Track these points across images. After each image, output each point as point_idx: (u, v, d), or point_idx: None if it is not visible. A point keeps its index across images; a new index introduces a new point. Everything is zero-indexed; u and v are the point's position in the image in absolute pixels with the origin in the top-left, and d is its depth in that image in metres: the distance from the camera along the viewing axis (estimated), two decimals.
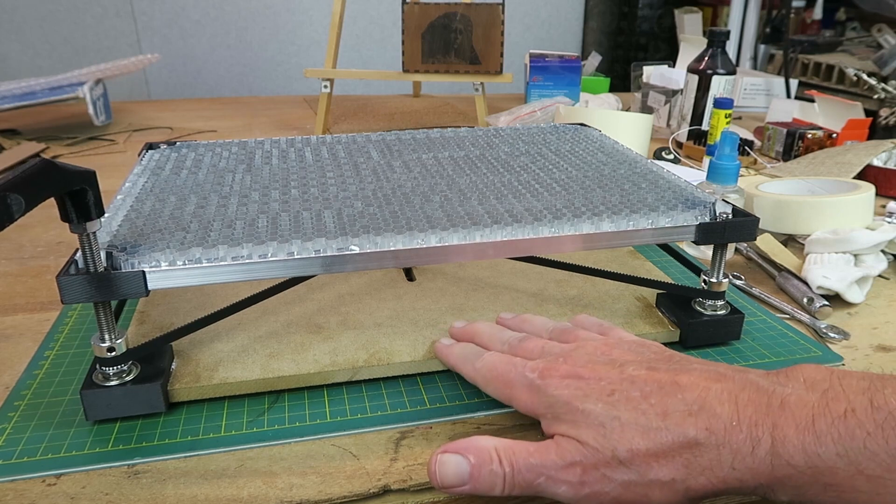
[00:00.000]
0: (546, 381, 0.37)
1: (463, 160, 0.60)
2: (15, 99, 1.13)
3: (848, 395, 0.30)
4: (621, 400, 0.34)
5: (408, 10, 1.14)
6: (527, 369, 0.38)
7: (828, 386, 0.31)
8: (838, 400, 0.30)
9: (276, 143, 0.65)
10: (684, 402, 0.33)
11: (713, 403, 0.32)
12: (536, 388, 0.37)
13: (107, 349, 0.41)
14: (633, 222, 0.48)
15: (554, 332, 0.45)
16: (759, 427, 0.31)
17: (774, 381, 0.33)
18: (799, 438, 0.30)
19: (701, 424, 0.32)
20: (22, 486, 0.38)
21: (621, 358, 0.38)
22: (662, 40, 2.51)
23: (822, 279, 0.59)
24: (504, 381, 0.39)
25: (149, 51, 2.24)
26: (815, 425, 0.30)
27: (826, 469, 0.29)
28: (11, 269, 0.67)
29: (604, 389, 0.35)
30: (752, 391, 0.32)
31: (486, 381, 0.41)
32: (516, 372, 0.39)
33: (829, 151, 0.96)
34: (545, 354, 0.40)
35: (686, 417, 0.32)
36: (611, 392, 0.35)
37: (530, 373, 0.38)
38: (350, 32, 2.40)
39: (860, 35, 1.70)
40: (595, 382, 0.35)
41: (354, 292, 0.57)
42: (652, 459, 0.32)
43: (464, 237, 0.45)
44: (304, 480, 0.38)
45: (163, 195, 0.51)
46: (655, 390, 0.34)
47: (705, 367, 0.35)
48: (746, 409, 0.32)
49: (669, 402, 0.33)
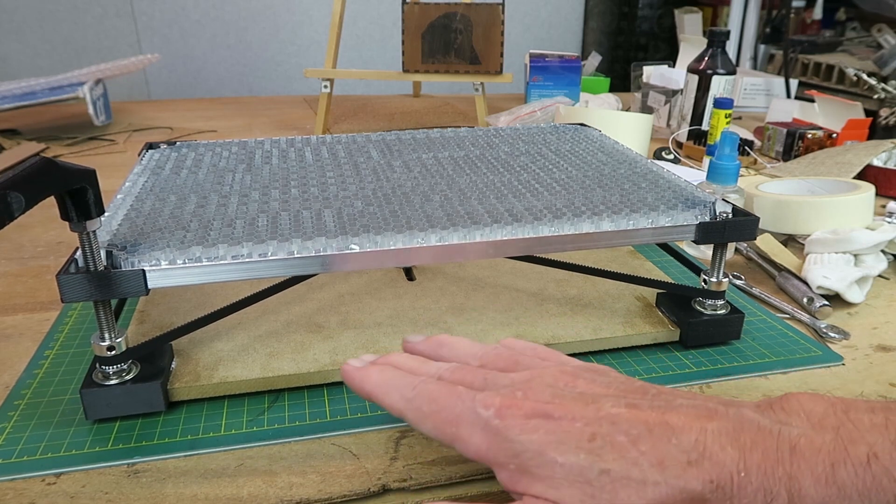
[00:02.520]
0: (506, 423, 0.30)
1: (463, 160, 0.60)
2: (15, 99, 1.13)
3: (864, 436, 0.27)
4: (605, 446, 0.28)
5: (408, 10, 1.14)
6: (478, 404, 0.31)
7: (837, 423, 0.28)
8: (856, 442, 0.27)
9: (276, 143, 0.65)
10: (681, 448, 0.28)
11: (714, 449, 0.28)
12: (494, 429, 0.30)
13: (107, 348, 0.41)
14: (633, 222, 0.48)
15: (486, 357, 0.36)
16: (772, 478, 0.27)
17: (774, 418, 0.29)
18: (819, 492, 0.26)
19: (705, 476, 0.27)
20: (22, 486, 0.38)
21: (590, 390, 0.32)
22: (662, 40, 2.51)
23: (822, 279, 0.59)
24: (446, 418, 0.31)
25: (149, 51, 2.24)
26: (836, 475, 0.26)
27: None
28: (11, 269, 0.67)
29: (582, 433, 0.29)
30: (753, 432, 0.28)
31: (420, 416, 0.32)
32: (463, 406, 0.31)
33: (829, 151, 0.96)
34: (490, 386, 0.32)
35: (686, 468, 0.27)
36: (591, 437, 0.29)
37: (484, 409, 0.30)
38: (350, 32, 2.40)
39: (860, 35, 1.70)
40: (569, 423, 0.29)
41: (354, 292, 0.57)
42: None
43: (464, 236, 0.45)
44: (304, 480, 0.38)
45: (163, 194, 0.51)
46: (645, 434, 0.28)
47: (692, 403, 0.30)
48: (752, 454, 0.27)
49: (664, 449, 0.28)
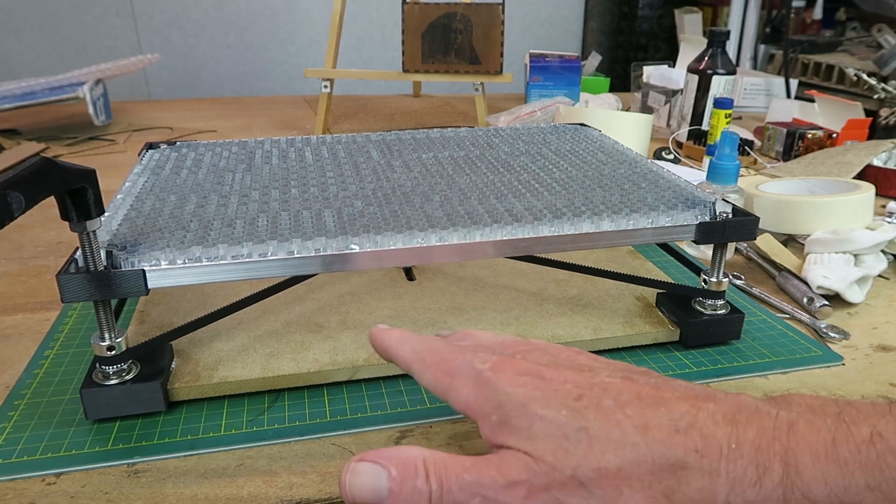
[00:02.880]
0: (498, 376, 0.30)
1: (463, 160, 0.60)
2: (15, 99, 1.13)
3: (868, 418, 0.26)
4: (591, 407, 0.28)
5: (408, 10, 1.14)
6: (476, 359, 0.32)
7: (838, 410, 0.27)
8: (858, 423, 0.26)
9: (276, 143, 0.65)
10: (669, 416, 0.27)
11: (706, 423, 0.27)
12: (485, 381, 0.30)
13: (107, 348, 0.41)
14: (633, 221, 0.48)
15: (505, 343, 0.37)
16: (766, 453, 0.26)
17: (773, 404, 0.29)
18: (818, 467, 0.25)
19: (689, 444, 0.26)
20: (22, 486, 0.38)
21: (590, 364, 0.32)
22: (662, 40, 2.51)
23: (822, 279, 0.59)
24: (445, 368, 0.32)
25: (149, 51, 2.24)
26: (837, 452, 0.25)
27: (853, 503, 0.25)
28: (11, 269, 0.67)
29: (570, 393, 0.29)
30: (749, 412, 0.27)
31: (423, 365, 0.34)
32: (463, 359, 0.32)
33: (829, 151, 0.96)
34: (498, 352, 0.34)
35: (672, 434, 0.27)
36: (578, 396, 0.29)
37: (480, 363, 0.31)
38: (350, 32, 2.40)
39: (860, 35, 1.70)
40: (559, 384, 0.29)
41: (354, 292, 0.57)
42: (623, 482, 0.26)
43: (464, 236, 0.45)
44: (304, 479, 0.38)
45: (163, 194, 0.51)
46: (633, 400, 0.28)
47: (689, 385, 0.30)
48: (747, 430, 0.27)
49: (651, 415, 0.27)
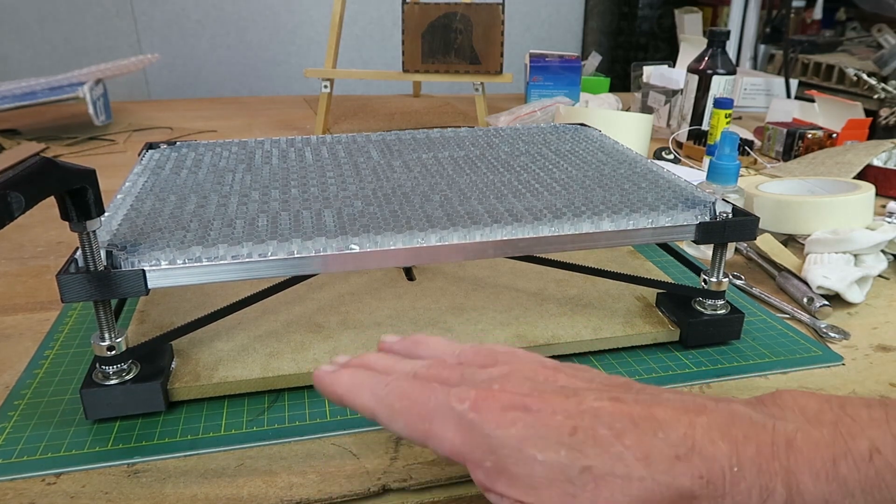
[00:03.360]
0: (483, 417, 0.28)
1: (463, 160, 0.60)
2: (15, 99, 1.13)
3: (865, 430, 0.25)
4: (587, 441, 0.26)
5: (408, 10, 1.14)
6: (452, 397, 0.29)
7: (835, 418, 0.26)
8: (856, 437, 0.25)
9: (276, 143, 0.65)
10: (668, 442, 0.26)
11: (704, 443, 0.26)
12: (469, 423, 0.28)
13: (107, 348, 0.41)
14: (633, 221, 0.48)
15: (464, 354, 0.34)
16: (767, 474, 0.25)
17: (766, 412, 0.28)
18: (819, 488, 0.25)
19: (694, 471, 0.25)
20: (22, 486, 0.38)
21: (571, 384, 0.30)
22: (662, 40, 2.51)
23: (822, 279, 0.59)
24: (419, 414, 0.29)
25: (149, 51, 2.24)
26: (837, 471, 0.25)
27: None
28: (11, 269, 0.67)
29: (562, 426, 0.27)
30: (744, 425, 0.27)
31: (391, 412, 0.30)
32: (437, 401, 0.29)
33: (829, 151, 0.96)
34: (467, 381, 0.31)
35: (674, 463, 0.26)
36: (572, 430, 0.27)
37: (457, 402, 0.29)
38: (350, 32, 2.40)
39: (860, 35, 1.70)
40: (549, 417, 0.27)
41: (354, 292, 0.57)
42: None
43: (464, 236, 0.45)
44: (304, 479, 0.38)
45: (163, 194, 0.51)
46: (629, 427, 0.27)
47: (679, 398, 0.29)
48: (746, 448, 0.26)
49: (650, 443, 0.26)
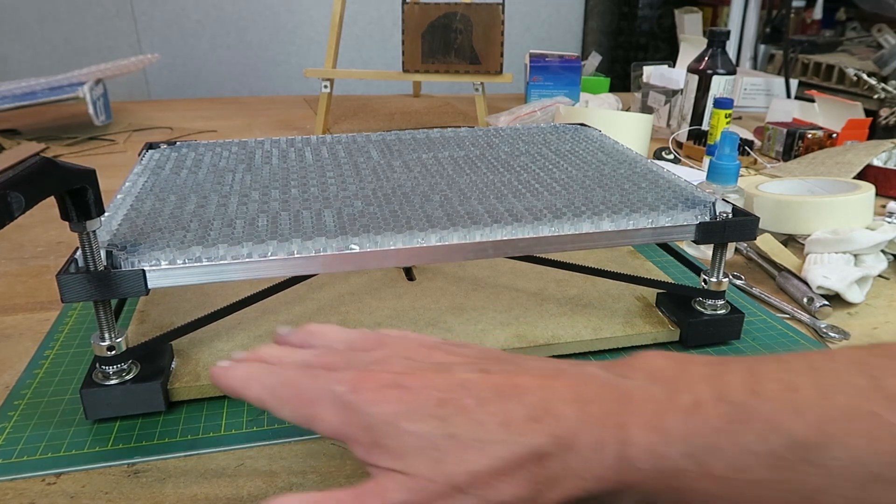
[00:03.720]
0: (360, 396, 0.29)
1: (463, 160, 0.60)
2: (15, 99, 1.13)
3: (692, 387, 0.28)
4: (454, 412, 0.28)
5: (408, 10, 1.14)
6: (333, 381, 0.31)
7: (672, 376, 0.29)
8: (683, 392, 0.28)
9: (276, 143, 0.65)
10: (526, 406, 0.28)
11: (556, 405, 0.28)
12: (347, 404, 0.30)
13: (107, 348, 0.41)
14: (633, 221, 0.48)
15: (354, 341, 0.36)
16: (604, 428, 0.27)
17: (617, 372, 0.30)
18: (645, 438, 0.27)
19: (545, 430, 0.28)
20: (22, 485, 0.38)
21: (446, 360, 0.32)
22: (662, 40, 2.51)
23: (822, 279, 0.59)
24: (303, 399, 0.31)
25: (149, 51, 2.24)
26: (660, 423, 0.27)
27: (673, 471, 0.26)
28: (11, 269, 0.67)
29: (432, 399, 0.29)
30: (595, 386, 0.29)
31: (279, 400, 0.32)
32: (319, 386, 0.31)
33: (829, 151, 0.96)
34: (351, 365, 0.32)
35: (529, 424, 0.28)
36: (440, 402, 0.29)
37: (338, 385, 0.30)
38: (350, 32, 2.40)
39: (860, 35, 1.70)
40: (421, 392, 0.29)
41: (354, 292, 0.57)
42: (494, 479, 0.27)
43: (464, 236, 0.45)
44: (304, 479, 0.38)
45: (163, 194, 0.51)
46: (493, 396, 0.29)
47: (542, 365, 0.32)
48: (591, 407, 0.28)
49: (509, 408, 0.28)
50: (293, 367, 0.33)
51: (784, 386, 0.26)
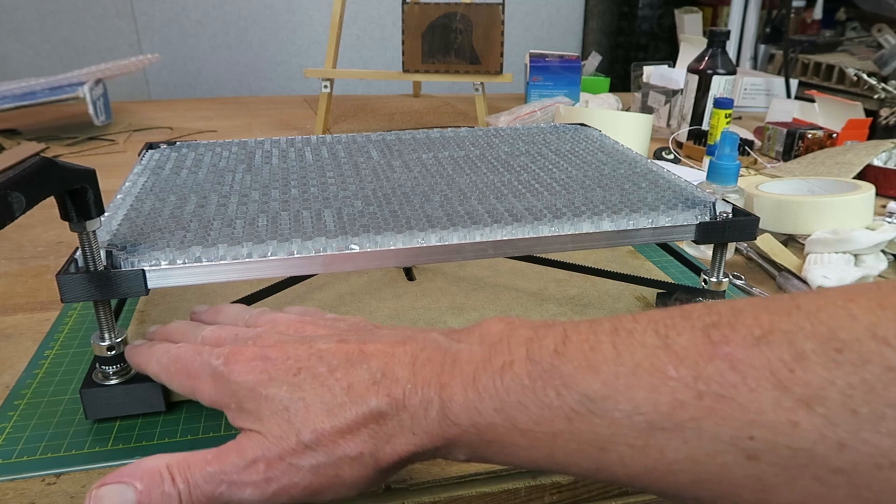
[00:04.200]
0: (230, 368, 0.33)
1: (463, 160, 0.60)
2: (15, 99, 1.13)
3: (511, 348, 0.30)
4: (307, 378, 0.32)
5: (408, 10, 1.14)
6: (212, 356, 0.34)
7: (498, 339, 0.31)
8: (501, 353, 0.30)
9: (276, 143, 0.65)
10: (369, 370, 0.31)
11: (395, 368, 0.31)
12: (220, 375, 0.33)
13: (107, 348, 0.41)
14: (633, 221, 0.48)
15: (251, 319, 0.40)
16: (430, 388, 0.30)
17: (455, 337, 0.33)
18: (463, 396, 0.29)
19: (383, 392, 0.30)
20: (22, 486, 0.38)
21: (313, 333, 0.35)
22: (662, 40, 2.51)
23: (823, 279, 0.59)
24: (187, 372, 0.35)
25: (149, 51, 2.24)
26: (476, 381, 0.29)
27: (486, 426, 0.29)
28: (11, 269, 0.67)
29: (290, 369, 0.32)
30: (431, 350, 0.32)
31: (169, 375, 0.36)
32: (200, 360, 0.35)
33: (829, 151, 0.96)
34: (237, 341, 0.36)
35: (370, 387, 0.31)
36: (297, 371, 0.32)
37: (215, 359, 0.34)
38: (350, 32, 2.40)
39: (860, 35, 1.70)
40: (282, 363, 0.32)
41: (354, 292, 0.57)
42: (338, 437, 0.30)
43: (464, 236, 0.45)
44: None
45: (163, 194, 0.51)
46: (342, 363, 0.32)
47: (393, 332, 0.34)
48: (423, 370, 0.31)
49: (355, 374, 0.31)
50: (184, 346, 0.37)
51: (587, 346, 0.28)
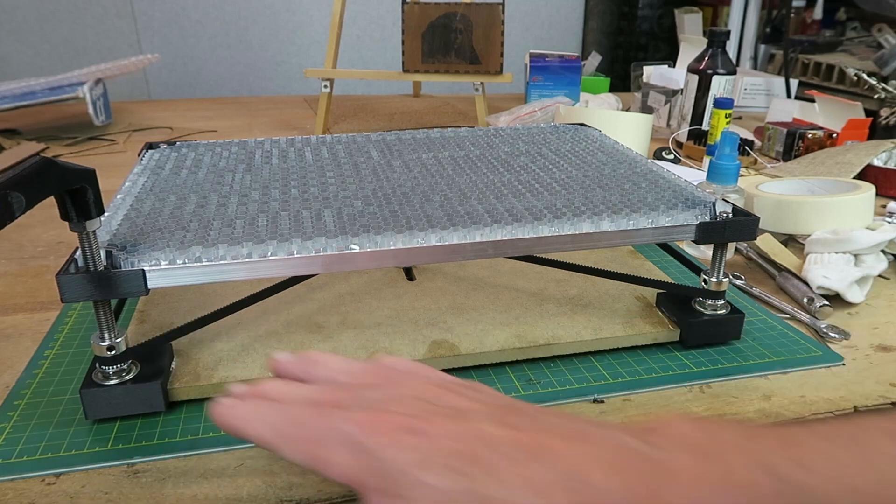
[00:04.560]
0: (374, 439, 0.28)
1: (463, 160, 0.60)
2: (15, 99, 1.13)
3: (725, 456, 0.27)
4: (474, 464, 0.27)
5: (408, 10, 1.14)
6: (343, 421, 0.29)
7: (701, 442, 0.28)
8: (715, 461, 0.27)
9: (276, 143, 0.65)
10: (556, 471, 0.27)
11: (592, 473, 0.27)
12: (360, 447, 0.28)
13: (106, 348, 0.41)
14: (634, 221, 0.48)
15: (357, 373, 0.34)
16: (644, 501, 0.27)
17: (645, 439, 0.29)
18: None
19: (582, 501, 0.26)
20: (22, 486, 0.38)
21: (461, 405, 0.31)
22: (662, 40, 2.51)
23: (823, 279, 0.59)
24: (311, 438, 0.29)
25: (149, 51, 2.24)
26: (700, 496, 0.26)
27: None
28: (11, 269, 0.67)
29: (451, 451, 0.27)
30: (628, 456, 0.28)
31: (285, 440, 0.30)
32: (328, 425, 0.29)
33: (829, 151, 0.96)
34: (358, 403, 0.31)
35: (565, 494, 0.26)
36: (458, 453, 0.27)
37: (349, 425, 0.29)
38: (350, 32, 2.40)
39: (860, 35, 1.70)
40: (437, 439, 0.28)
41: (354, 292, 0.57)
42: None
43: (464, 236, 0.45)
44: (304, 479, 0.38)
45: (163, 194, 0.51)
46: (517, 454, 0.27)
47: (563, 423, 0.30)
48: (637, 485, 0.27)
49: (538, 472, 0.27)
50: (299, 404, 0.31)
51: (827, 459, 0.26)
